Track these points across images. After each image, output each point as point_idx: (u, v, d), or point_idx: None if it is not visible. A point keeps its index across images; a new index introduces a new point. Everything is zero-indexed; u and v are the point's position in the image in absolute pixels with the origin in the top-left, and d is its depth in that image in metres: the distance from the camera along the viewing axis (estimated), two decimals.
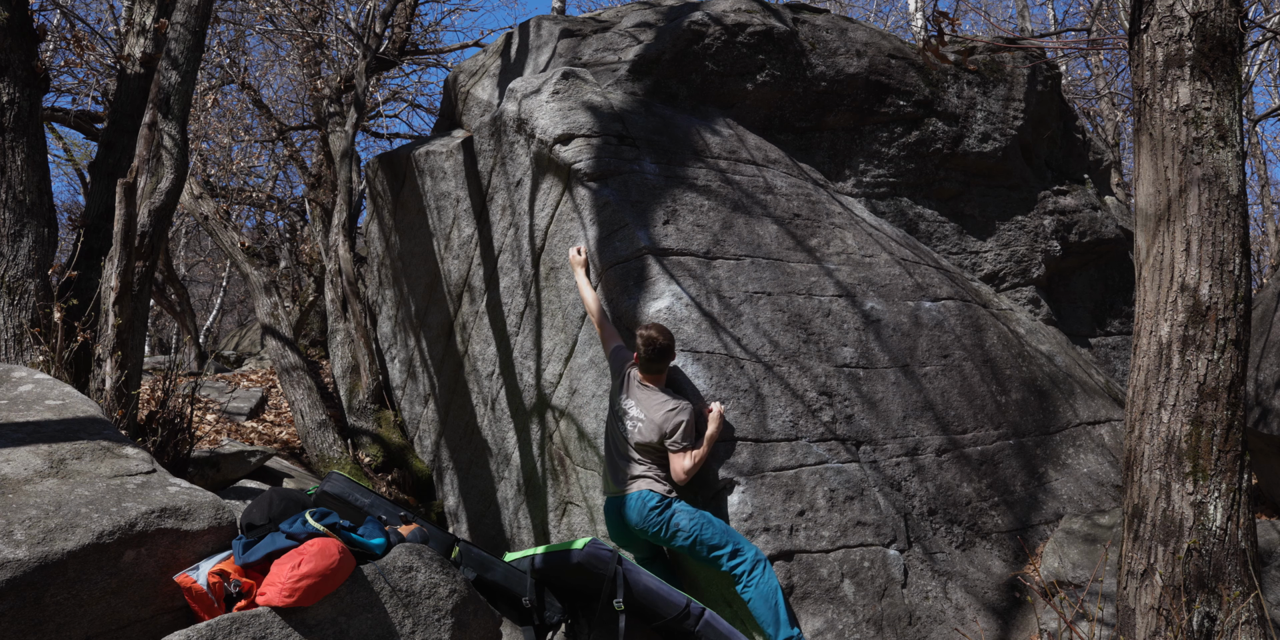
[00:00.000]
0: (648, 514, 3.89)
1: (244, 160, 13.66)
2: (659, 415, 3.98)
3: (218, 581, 2.76)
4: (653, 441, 3.98)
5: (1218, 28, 3.29)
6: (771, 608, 3.73)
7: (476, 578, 3.54)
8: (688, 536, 3.82)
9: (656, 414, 3.99)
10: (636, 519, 3.92)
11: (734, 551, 3.80)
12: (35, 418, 3.16)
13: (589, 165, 4.87)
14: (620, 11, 6.47)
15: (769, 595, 3.74)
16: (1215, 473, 3.10)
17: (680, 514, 3.86)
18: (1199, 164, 3.25)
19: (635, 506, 3.92)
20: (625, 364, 4.22)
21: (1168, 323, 3.23)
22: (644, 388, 4.10)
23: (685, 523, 3.83)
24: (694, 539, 3.81)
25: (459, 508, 6.22)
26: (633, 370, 4.17)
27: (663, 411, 3.98)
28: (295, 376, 7.57)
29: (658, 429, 3.97)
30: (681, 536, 3.83)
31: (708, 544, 3.80)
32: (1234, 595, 3.02)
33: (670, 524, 3.85)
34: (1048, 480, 5.00)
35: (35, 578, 2.48)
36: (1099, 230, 6.82)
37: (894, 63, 6.18)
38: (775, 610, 3.73)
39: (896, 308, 5.10)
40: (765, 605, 3.73)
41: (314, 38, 11.29)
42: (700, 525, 3.83)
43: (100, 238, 5.12)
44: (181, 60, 5.19)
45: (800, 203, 5.36)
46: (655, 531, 3.89)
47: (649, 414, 4.01)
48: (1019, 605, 4.30)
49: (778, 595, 3.76)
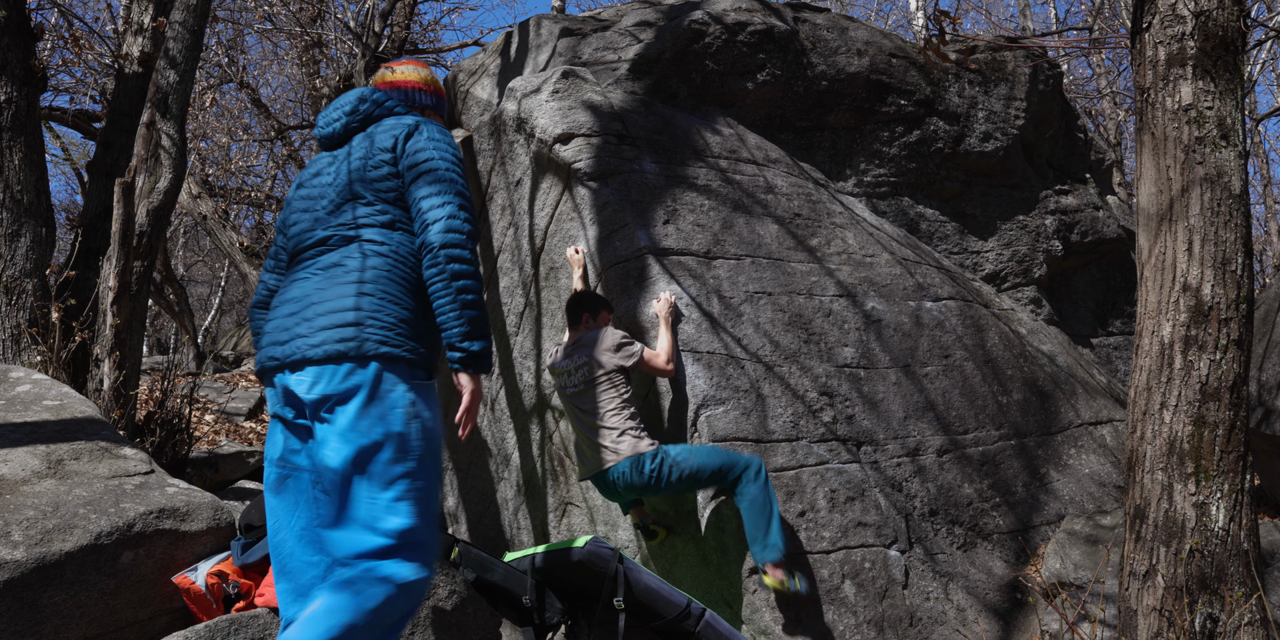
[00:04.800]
0: (648, 474, 3.82)
1: (242, 159, 13.65)
2: (602, 343, 4.01)
3: (216, 582, 2.75)
4: (610, 368, 3.97)
5: (1220, 26, 3.28)
6: (765, 518, 3.64)
7: (476, 578, 3.53)
8: (684, 469, 3.79)
9: (598, 344, 4.02)
10: (638, 481, 3.84)
11: (732, 465, 3.77)
12: (33, 418, 3.15)
13: (589, 165, 4.85)
14: (620, 10, 6.46)
15: (764, 505, 3.63)
16: (1218, 473, 3.09)
17: (671, 454, 3.83)
18: (1201, 163, 3.24)
19: (631, 472, 3.84)
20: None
21: (1170, 323, 3.22)
22: (575, 342, 4.15)
23: (680, 457, 3.80)
24: (692, 469, 3.78)
25: (458, 508, 6.21)
26: (562, 346, 4.27)
27: (604, 339, 4.02)
28: None
29: (608, 351, 3.98)
30: (678, 470, 3.79)
31: (707, 468, 3.77)
32: (1237, 596, 3.01)
33: (666, 468, 3.80)
34: (1049, 481, 4.99)
35: (33, 579, 2.47)
36: (1101, 230, 6.81)
37: (895, 62, 6.17)
38: (769, 521, 3.63)
39: (898, 308, 5.09)
40: (759, 515, 3.63)
41: (313, 36, 11.27)
42: (691, 453, 3.82)
43: (98, 237, 5.11)
44: (180, 59, 5.18)
45: (801, 202, 5.34)
46: (653, 483, 3.82)
47: (593, 351, 4.02)
48: (1020, 606, 4.29)
49: (773, 507, 3.64)
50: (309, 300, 2.25)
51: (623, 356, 4.00)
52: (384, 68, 2.81)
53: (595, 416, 3.97)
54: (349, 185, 2.38)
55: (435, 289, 2.25)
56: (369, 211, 2.35)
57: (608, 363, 3.99)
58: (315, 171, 2.55)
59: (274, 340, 2.26)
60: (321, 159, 2.58)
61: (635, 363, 4.03)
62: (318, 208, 2.44)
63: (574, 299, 4.27)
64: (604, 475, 3.95)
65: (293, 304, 2.28)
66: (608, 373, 3.98)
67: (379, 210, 2.36)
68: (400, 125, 2.44)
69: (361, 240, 2.32)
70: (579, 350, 4.10)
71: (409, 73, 2.76)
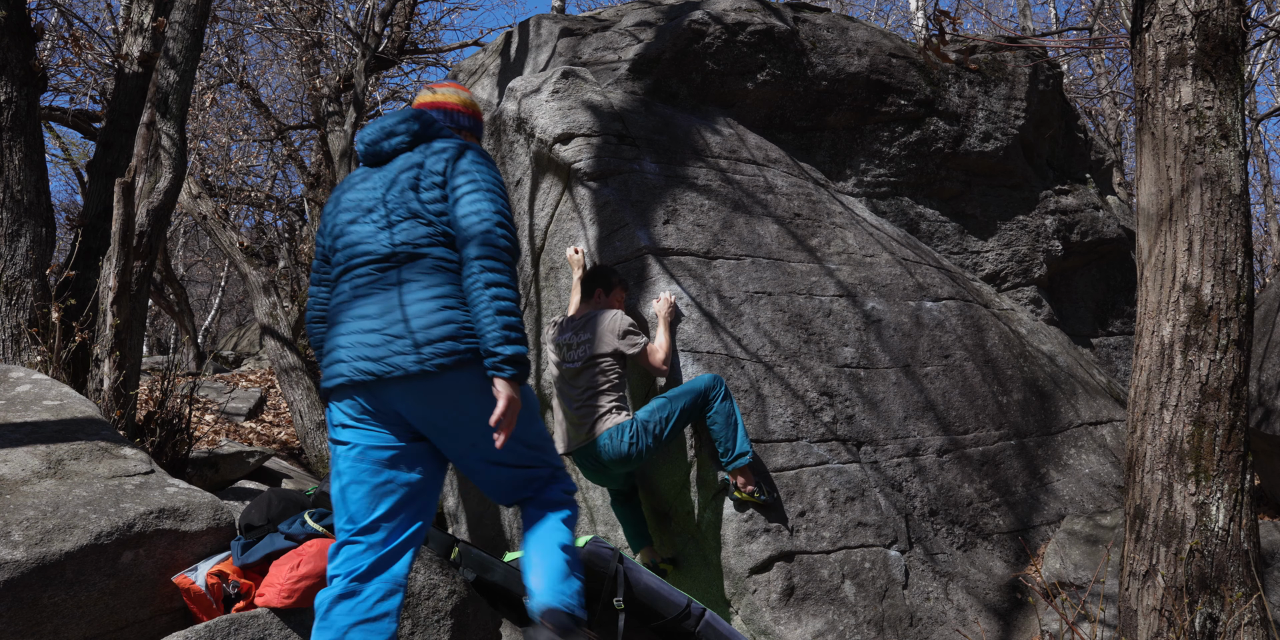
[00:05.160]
0: (628, 442, 3.88)
1: (243, 159, 13.65)
2: (609, 326, 4.04)
3: (216, 582, 2.75)
4: (609, 352, 4.00)
5: (1220, 26, 3.27)
6: (732, 427, 3.92)
7: (476, 578, 3.52)
8: (660, 423, 3.89)
9: (603, 325, 4.04)
10: (624, 450, 3.89)
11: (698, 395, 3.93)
12: (33, 418, 3.15)
13: (589, 165, 4.85)
14: (620, 10, 6.46)
15: (728, 417, 3.93)
16: (1218, 473, 3.09)
17: (640, 417, 3.91)
18: (1201, 163, 3.24)
19: (613, 443, 3.89)
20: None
21: (1170, 323, 3.22)
22: (582, 317, 4.18)
23: (651, 414, 3.91)
24: (668, 420, 3.90)
25: (458, 508, 6.20)
26: (565, 319, 4.34)
27: (614, 323, 4.04)
28: (294, 377, 7.55)
29: (613, 335, 4.01)
30: (656, 426, 3.89)
31: (680, 411, 3.92)
32: (1237, 596, 3.01)
33: (644, 429, 3.88)
34: (1049, 481, 4.99)
35: (33, 579, 2.47)
36: (1101, 230, 6.81)
37: (895, 62, 6.17)
38: (735, 430, 3.92)
39: (897, 308, 5.09)
40: (726, 426, 3.92)
41: (313, 37, 11.27)
42: (655, 407, 3.93)
43: (98, 237, 5.11)
44: (180, 59, 5.18)
45: (801, 202, 5.34)
46: (637, 449, 3.88)
47: (598, 331, 4.05)
48: (1021, 606, 4.29)
49: (736, 416, 3.95)
50: (393, 317, 2.41)
51: (626, 344, 4.03)
52: (425, 89, 2.94)
53: (585, 394, 4.01)
54: (405, 204, 2.53)
55: (473, 297, 2.38)
56: (428, 231, 2.50)
57: (610, 346, 4.01)
58: (360, 186, 2.66)
59: (362, 355, 2.41)
60: (368, 176, 2.68)
61: (635, 354, 4.05)
62: (369, 222, 2.56)
63: (592, 272, 4.31)
64: (589, 450, 3.98)
65: (372, 320, 2.43)
66: (607, 355, 4.01)
67: (438, 231, 2.50)
68: (449, 148, 2.58)
69: (433, 257, 2.48)
70: (585, 328, 4.11)
71: (449, 94, 2.90)
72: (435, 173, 2.54)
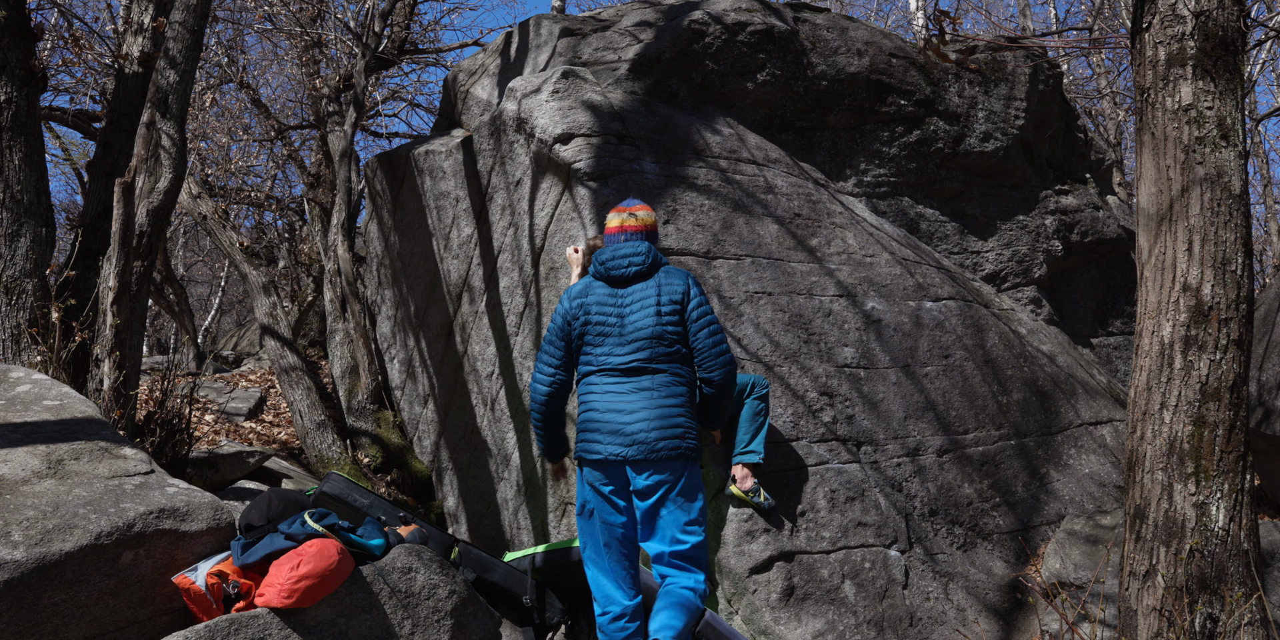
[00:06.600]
0: None
1: (242, 160, 13.64)
2: None
3: (216, 582, 2.75)
4: None
5: (1220, 26, 3.27)
6: (756, 426, 4.03)
7: (476, 578, 3.53)
8: None
9: None
10: None
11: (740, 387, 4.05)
12: (33, 418, 3.15)
13: (589, 165, 4.85)
14: (620, 10, 6.46)
15: (757, 414, 4.05)
16: (1218, 473, 3.09)
17: None
18: (1201, 163, 3.24)
19: None
20: None
21: (1170, 323, 3.22)
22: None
23: None
24: None
25: (458, 508, 6.20)
26: None
27: None
28: (294, 377, 7.55)
29: None
30: None
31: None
32: (1236, 596, 3.01)
33: None
34: (1049, 481, 4.99)
35: (33, 579, 2.47)
36: (1101, 230, 6.81)
37: (895, 62, 6.17)
38: (758, 430, 4.02)
39: (897, 308, 5.09)
40: (751, 422, 4.05)
41: (312, 37, 11.27)
42: None
43: (98, 237, 5.11)
44: (180, 59, 5.18)
45: (801, 202, 5.34)
46: None
47: None
48: (1021, 606, 4.29)
49: (765, 419, 4.06)
50: (641, 415, 3.20)
51: None
52: (627, 213, 3.52)
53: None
54: (653, 327, 3.27)
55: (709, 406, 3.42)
56: (669, 351, 3.28)
57: None
58: (605, 302, 3.34)
59: (617, 441, 3.20)
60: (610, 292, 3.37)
61: None
62: (616, 334, 3.30)
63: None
64: None
65: (624, 416, 3.22)
66: None
67: (677, 350, 3.29)
68: (680, 282, 3.33)
69: (670, 373, 3.28)
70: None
71: (648, 218, 3.53)
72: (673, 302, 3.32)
